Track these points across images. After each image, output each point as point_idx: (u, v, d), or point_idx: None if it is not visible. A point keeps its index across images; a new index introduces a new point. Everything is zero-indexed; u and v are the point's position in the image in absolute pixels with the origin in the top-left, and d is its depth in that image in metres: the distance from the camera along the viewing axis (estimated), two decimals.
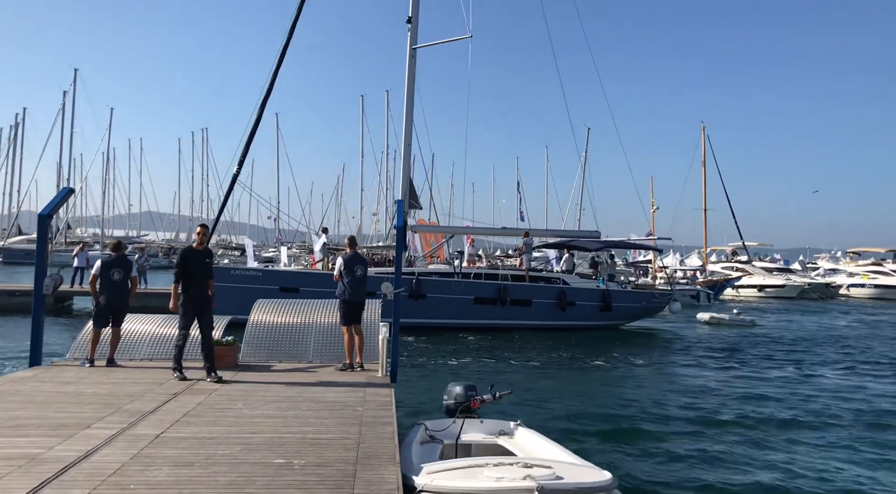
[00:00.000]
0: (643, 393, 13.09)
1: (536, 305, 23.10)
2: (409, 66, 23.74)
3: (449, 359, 16.49)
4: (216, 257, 37.82)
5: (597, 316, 23.93)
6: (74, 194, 73.74)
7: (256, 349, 10.29)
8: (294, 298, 11.76)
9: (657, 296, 25.89)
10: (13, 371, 9.56)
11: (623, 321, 25.23)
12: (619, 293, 24.76)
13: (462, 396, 7.34)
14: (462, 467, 5.12)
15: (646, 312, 25.79)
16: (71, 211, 74.11)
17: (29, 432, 5.64)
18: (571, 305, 23.35)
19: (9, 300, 22.78)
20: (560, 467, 5.14)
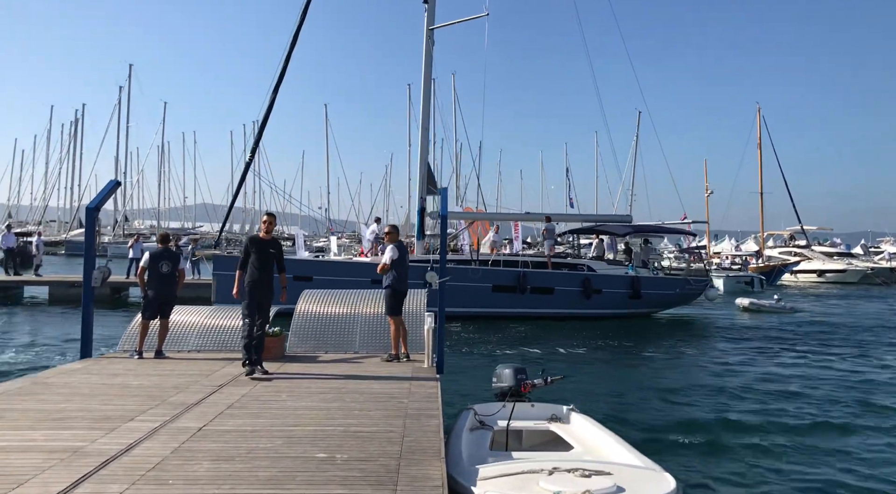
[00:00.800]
0: (683, 381, 12.68)
1: (559, 293, 22.42)
2: (427, 47, 23.29)
3: (494, 348, 16.27)
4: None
5: (625, 304, 23.16)
6: (131, 186, 75.69)
7: (303, 340, 10.25)
8: (339, 288, 11.65)
9: (692, 283, 24.93)
10: (68, 362, 9.68)
11: (654, 308, 24.42)
12: (649, 280, 23.91)
13: (512, 379, 7.13)
14: (516, 473, 4.84)
15: (680, 299, 24.87)
16: (128, 203, 76.17)
17: (73, 424, 5.63)
18: (597, 292, 22.61)
19: (68, 291, 23.39)
20: (621, 472, 4.83)
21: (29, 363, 12.61)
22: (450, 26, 23.76)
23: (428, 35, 23.20)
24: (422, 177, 23.88)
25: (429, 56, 23.44)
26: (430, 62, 23.52)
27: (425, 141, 23.84)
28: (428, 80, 23.59)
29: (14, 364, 12.60)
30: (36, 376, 7.95)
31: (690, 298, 25.27)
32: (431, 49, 23.44)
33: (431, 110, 24.07)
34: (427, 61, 23.47)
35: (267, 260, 8.42)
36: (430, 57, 23.48)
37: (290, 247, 48.22)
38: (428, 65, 23.49)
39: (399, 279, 9.66)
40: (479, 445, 6.03)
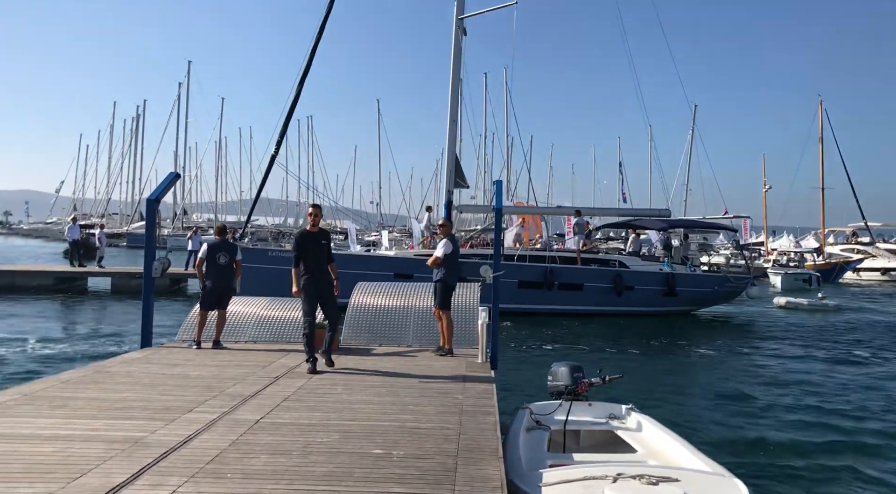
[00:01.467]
0: (736, 381, 12.33)
1: (588, 289, 21.81)
2: (455, 37, 22.81)
3: (544, 343, 16.08)
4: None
5: (659, 302, 22.41)
6: (189, 181, 77.53)
7: (357, 332, 10.27)
8: (392, 281, 11.63)
9: (731, 280, 23.97)
10: (129, 351, 9.89)
11: (691, 306, 23.56)
12: (685, 277, 23.03)
13: (568, 378, 6.96)
14: (578, 479, 4.68)
15: (718, 297, 23.97)
16: (187, 197, 78.00)
17: (134, 414, 5.70)
18: (629, 289, 21.90)
19: (130, 282, 24.02)
20: (688, 479, 4.62)
21: (92, 352, 12.95)
22: (481, 17, 23.17)
23: (457, 25, 22.71)
24: (449, 170, 23.44)
25: (458, 47, 22.94)
26: (460, 53, 23.04)
27: (453, 134, 23.41)
28: (457, 71, 23.11)
29: (79, 352, 12.96)
30: (99, 364, 8.11)
31: (731, 296, 24.38)
32: (461, 40, 22.93)
33: (460, 103, 23.61)
34: (456, 52, 22.98)
35: (320, 253, 8.30)
36: (460, 48, 22.98)
37: (342, 241, 48.71)
38: (457, 56, 23.01)
39: (450, 274, 9.57)
40: (536, 446, 5.89)
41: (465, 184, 25.42)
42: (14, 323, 16.30)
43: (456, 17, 22.75)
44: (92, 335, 15.22)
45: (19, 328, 15.56)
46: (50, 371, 10.43)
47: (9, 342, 13.68)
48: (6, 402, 5.99)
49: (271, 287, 14.09)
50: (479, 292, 10.72)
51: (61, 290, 23.83)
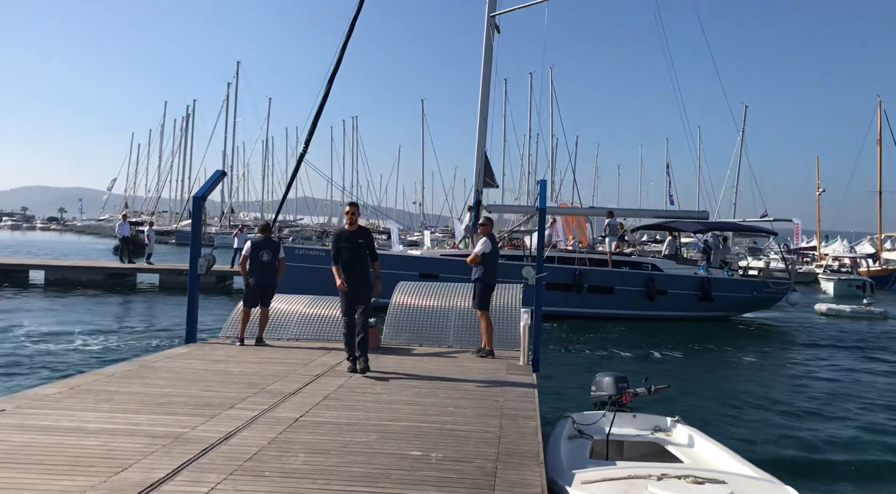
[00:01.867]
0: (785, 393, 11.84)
1: (619, 292, 21.29)
2: (487, 35, 22.45)
3: (585, 348, 15.85)
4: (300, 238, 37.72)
5: (693, 307, 21.76)
6: (237, 179, 78.79)
7: (398, 332, 10.25)
8: (460, 282, 11.51)
9: (770, 285, 23.22)
10: (174, 346, 10.03)
11: (728, 312, 22.83)
12: (721, 282, 22.34)
13: (612, 388, 6.79)
14: (620, 478, 4.55)
15: (757, 303, 23.27)
16: (234, 195, 79.32)
17: (176, 410, 5.74)
18: (662, 293, 21.35)
19: (177, 279, 24.46)
20: (736, 482, 4.46)
21: (138, 347, 13.19)
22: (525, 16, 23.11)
23: (489, 22, 22.38)
24: (478, 170, 23.12)
25: (489, 45, 22.57)
26: (491, 51, 22.66)
27: (483, 133, 23.01)
28: (488, 69, 22.75)
29: (125, 347, 13.22)
30: (144, 359, 8.23)
31: (770, 302, 23.64)
32: (492, 37, 22.56)
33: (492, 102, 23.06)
34: (487, 50, 22.61)
35: (357, 252, 8.07)
36: (491, 46, 22.61)
37: (385, 241, 48.96)
38: (488, 54, 22.64)
39: (489, 273, 9.48)
40: (578, 453, 5.75)
41: (495, 184, 24.94)
42: (64, 317, 16.72)
43: (487, 14, 22.43)
44: (139, 330, 15.52)
45: (69, 322, 15.95)
46: (96, 365, 10.64)
47: (58, 335, 14.03)
48: (53, 395, 6.09)
49: (296, 284, 14.21)
50: (521, 294, 10.59)
51: (111, 286, 24.40)
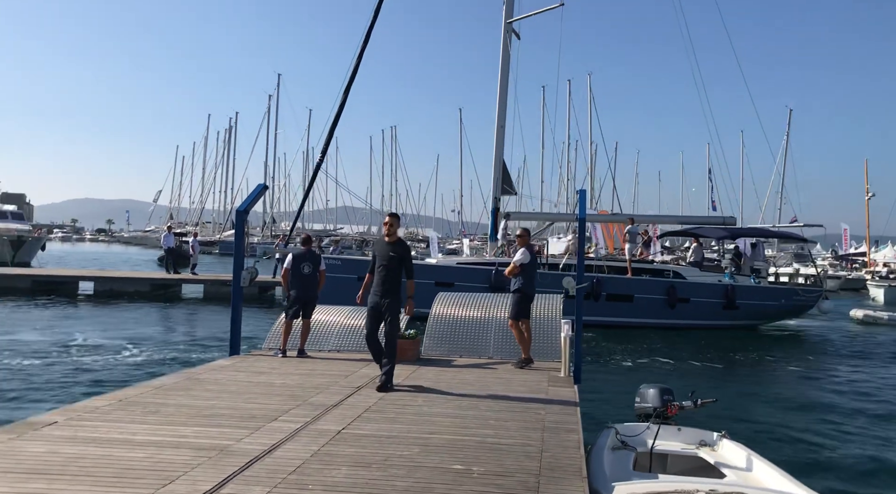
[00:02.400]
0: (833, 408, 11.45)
1: (639, 301, 20.77)
2: (504, 41, 22.32)
3: (623, 358, 15.67)
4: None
5: (718, 315, 21.18)
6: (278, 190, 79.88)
7: (438, 343, 10.26)
8: (475, 291, 11.55)
9: (800, 293, 22.53)
10: (219, 358, 10.19)
11: (755, 321, 22.16)
12: (747, 290, 21.70)
13: (657, 400, 6.69)
14: (665, 492, 4.48)
15: (786, 311, 22.59)
16: (275, 206, 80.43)
17: (221, 422, 5.83)
18: (684, 301, 20.80)
19: (221, 289, 24.88)
20: None
21: (184, 358, 13.45)
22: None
23: (506, 29, 22.24)
24: (496, 177, 22.89)
25: (506, 51, 22.38)
26: (508, 58, 22.50)
27: (500, 140, 22.85)
28: (505, 75, 22.57)
29: (172, 358, 13.48)
30: (190, 371, 8.38)
31: (800, 310, 22.94)
32: (510, 43, 22.35)
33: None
34: (505, 57, 22.44)
35: (388, 264, 7.74)
36: (508, 52, 22.43)
37: (424, 249, 49.11)
38: (506, 60, 22.49)
39: (528, 283, 9.46)
40: (621, 466, 5.68)
41: (513, 191, 24.68)
42: (112, 329, 17.12)
43: (504, 20, 22.31)
44: (184, 341, 15.81)
45: (117, 333, 16.32)
46: (144, 377, 10.88)
47: (107, 347, 14.37)
48: (103, 407, 6.24)
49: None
50: (561, 304, 10.53)
51: (157, 296, 24.92)
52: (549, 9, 22.21)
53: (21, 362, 12.43)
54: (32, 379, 11.07)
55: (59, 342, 14.65)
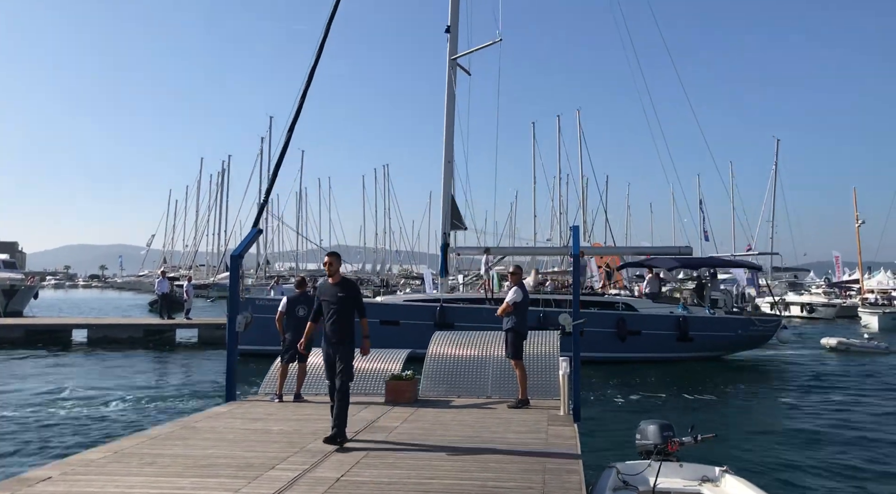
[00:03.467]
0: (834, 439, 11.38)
1: (588, 334, 20.24)
2: (449, 77, 22.34)
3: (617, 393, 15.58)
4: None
5: (671, 348, 20.79)
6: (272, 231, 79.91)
7: (435, 383, 10.19)
8: (420, 328, 11.42)
9: (756, 323, 22.12)
10: (216, 404, 10.08)
11: (710, 352, 21.74)
12: (701, 321, 21.30)
13: (657, 436, 6.63)
14: None
15: (744, 342, 22.19)
16: (269, 247, 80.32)
17: (219, 472, 5.76)
18: (635, 334, 20.46)
19: (215, 333, 24.71)
20: None
21: (180, 405, 13.30)
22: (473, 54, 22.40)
23: (451, 65, 22.31)
24: (445, 212, 22.65)
25: (451, 87, 22.38)
26: (454, 94, 22.50)
27: (448, 175, 22.60)
28: (451, 111, 22.48)
29: (167, 406, 13.33)
30: (185, 420, 8.29)
31: (759, 340, 22.51)
32: (455, 79, 22.37)
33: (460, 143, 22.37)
34: (450, 92, 22.45)
35: (338, 307, 7.18)
36: (453, 88, 22.42)
37: (418, 285, 48.99)
38: (451, 96, 22.48)
39: (521, 322, 9.44)
40: None
41: (463, 226, 24.04)
42: (106, 377, 16.95)
43: (449, 57, 22.38)
44: (179, 387, 15.65)
45: (111, 382, 16.15)
46: (140, 425, 10.75)
47: (101, 397, 14.20)
48: (98, 460, 6.16)
49: (257, 337, 14.08)
50: (559, 341, 10.51)
51: (151, 342, 24.72)
52: (489, 44, 22.07)
53: (14, 414, 12.27)
54: (25, 432, 10.92)
55: (53, 393, 14.49)
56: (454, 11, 22.49)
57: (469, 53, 22.46)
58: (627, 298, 22.58)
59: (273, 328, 9.98)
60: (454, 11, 22.49)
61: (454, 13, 22.50)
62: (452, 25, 22.46)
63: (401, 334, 18.00)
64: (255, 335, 15.17)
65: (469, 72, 22.78)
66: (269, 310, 20.30)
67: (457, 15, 22.55)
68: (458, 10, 22.53)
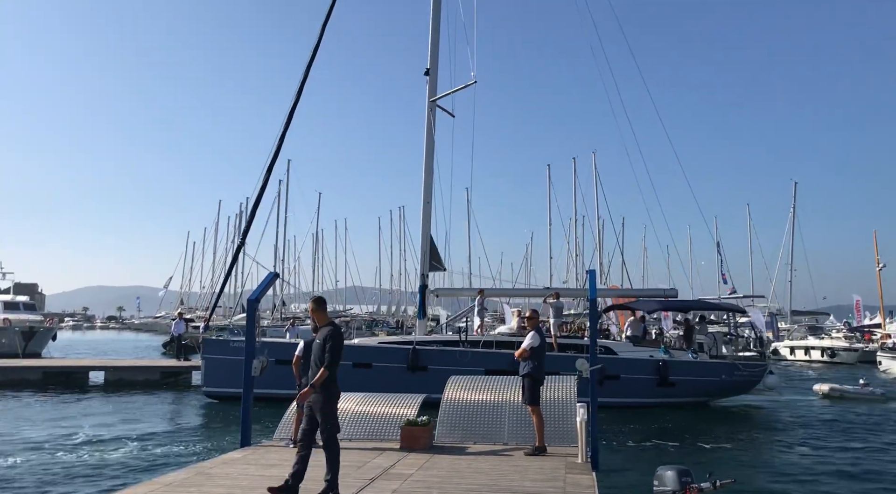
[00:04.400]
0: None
1: None
2: (428, 119, 22.26)
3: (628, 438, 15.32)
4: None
5: (651, 393, 20.09)
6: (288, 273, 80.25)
7: (451, 429, 10.11)
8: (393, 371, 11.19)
9: (741, 368, 21.27)
10: (231, 449, 10.02)
11: (693, 398, 20.90)
12: (682, 365, 20.53)
13: (675, 482, 6.50)
14: None
15: (728, 388, 21.36)
16: (285, 288, 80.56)
17: None
18: (614, 378, 19.33)
19: None
20: None
21: (196, 450, 13.22)
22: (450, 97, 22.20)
23: (430, 107, 22.26)
24: (423, 252, 22.36)
25: (431, 129, 22.28)
26: (432, 136, 22.37)
27: (427, 216, 22.41)
28: (430, 153, 22.38)
29: (182, 451, 13.26)
30: (200, 466, 8.26)
31: (745, 386, 21.70)
32: (434, 121, 22.25)
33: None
34: (429, 134, 22.34)
35: (314, 354, 6.94)
36: (432, 130, 22.30)
37: (435, 326, 48.79)
38: (430, 137, 22.37)
39: (538, 367, 9.37)
40: None
41: (442, 267, 23.93)
42: (122, 421, 16.92)
43: (428, 99, 22.33)
44: (194, 431, 15.59)
45: (127, 426, 16.12)
46: (155, 469, 10.69)
47: (116, 441, 14.16)
48: None
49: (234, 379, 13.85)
50: (576, 387, 10.42)
51: (168, 384, 24.71)
52: (464, 87, 21.99)
53: (27, 460, 12.25)
54: (39, 478, 10.89)
55: (67, 437, 14.47)
56: (433, 54, 22.63)
57: (446, 95, 22.42)
58: (607, 341, 21.96)
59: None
60: (433, 54, 22.63)
61: (433, 56, 22.63)
62: (432, 68, 22.54)
63: (373, 377, 17.74)
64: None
65: (453, 114, 22.68)
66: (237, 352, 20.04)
67: (436, 58, 22.70)
68: (437, 54, 22.69)
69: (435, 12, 22.93)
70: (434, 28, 22.81)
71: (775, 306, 58.00)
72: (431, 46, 22.69)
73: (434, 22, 22.85)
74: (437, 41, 22.76)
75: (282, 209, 69.02)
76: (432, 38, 22.72)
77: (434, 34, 22.76)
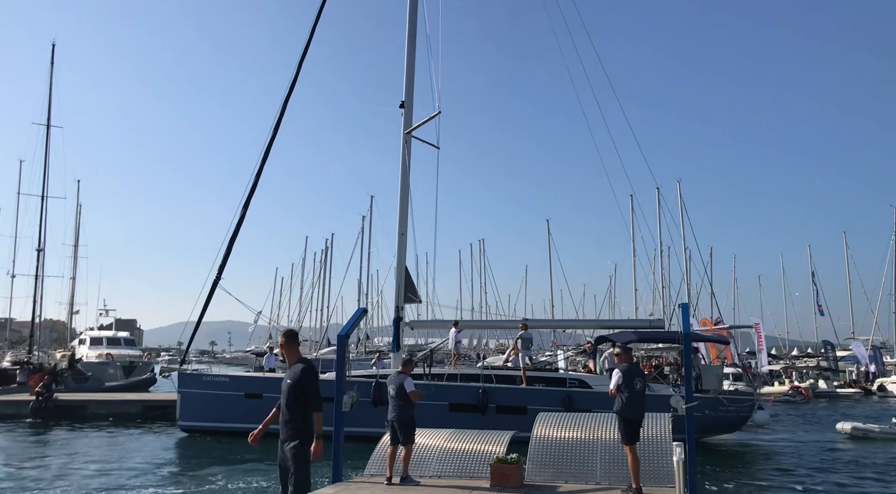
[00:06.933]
0: None
1: (533, 413, 18.38)
2: (403, 152, 22.02)
3: None
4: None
5: None
6: (371, 307, 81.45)
7: (541, 468, 9.92)
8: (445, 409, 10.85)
9: (725, 404, 19.89)
10: (322, 486, 10.14)
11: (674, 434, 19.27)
12: (659, 399, 19.37)
13: None
14: None
15: (713, 424, 19.83)
16: (370, 322, 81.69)
17: None
18: (585, 412, 18.64)
19: None
20: None
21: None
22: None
23: (405, 139, 22.05)
24: (399, 284, 21.98)
25: (406, 160, 22.08)
26: (408, 167, 22.18)
27: (402, 247, 22.05)
28: (405, 185, 22.12)
29: (276, 485, 13.51)
30: None
31: (732, 422, 20.34)
32: (409, 153, 22.02)
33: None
34: (404, 165, 22.13)
35: (284, 395, 6.39)
36: (407, 162, 22.09)
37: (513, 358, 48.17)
38: (405, 170, 22.16)
39: (626, 406, 9.03)
40: None
41: (417, 299, 23.71)
42: (216, 456, 17.36)
43: (403, 131, 22.19)
44: None
45: (219, 461, 16.52)
46: None
47: (205, 475, 14.49)
48: None
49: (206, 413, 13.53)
50: (670, 424, 10.07)
51: None
52: (429, 119, 21.56)
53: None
54: None
55: (162, 473, 14.98)
56: (408, 87, 22.60)
57: (416, 128, 22.15)
58: (581, 374, 21.30)
59: None
60: (408, 87, 22.60)
61: (408, 89, 22.60)
62: (407, 101, 22.47)
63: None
64: None
65: (437, 146, 22.13)
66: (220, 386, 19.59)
67: (411, 91, 22.64)
68: (412, 87, 22.65)
69: (410, 47, 22.90)
70: (409, 62, 22.77)
71: (879, 339, 54.78)
72: (406, 79, 22.71)
73: (409, 56, 22.83)
74: (412, 74, 22.78)
75: (365, 244, 70.45)
76: (407, 72, 22.74)
77: (409, 68, 22.75)
